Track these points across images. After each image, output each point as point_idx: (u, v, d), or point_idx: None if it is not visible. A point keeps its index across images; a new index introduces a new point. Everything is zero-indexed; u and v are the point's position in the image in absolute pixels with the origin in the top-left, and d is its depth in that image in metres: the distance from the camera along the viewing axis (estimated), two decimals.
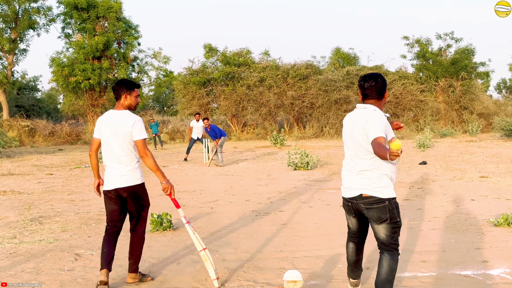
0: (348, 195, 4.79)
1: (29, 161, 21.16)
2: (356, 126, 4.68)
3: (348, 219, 5.04)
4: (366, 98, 4.81)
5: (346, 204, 4.93)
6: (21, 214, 9.68)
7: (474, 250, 6.75)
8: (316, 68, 40.58)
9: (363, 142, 4.60)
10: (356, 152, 4.70)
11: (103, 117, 5.63)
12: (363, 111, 4.73)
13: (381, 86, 4.77)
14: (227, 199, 11.53)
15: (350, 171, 4.78)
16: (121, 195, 5.54)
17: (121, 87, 5.58)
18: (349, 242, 5.17)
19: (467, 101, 39.96)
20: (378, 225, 4.65)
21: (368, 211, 4.67)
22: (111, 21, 38.87)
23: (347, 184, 4.81)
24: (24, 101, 46.71)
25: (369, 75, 4.84)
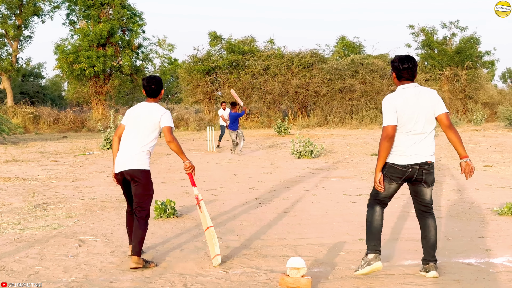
0: (412, 161, 5.18)
1: (34, 148, 21.20)
2: (424, 99, 5.22)
3: (389, 186, 5.31)
4: (403, 79, 5.29)
5: (401, 170, 5.21)
6: (25, 200, 9.71)
7: (477, 239, 6.76)
8: (321, 56, 40.46)
9: (431, 113, 5.20)
10: (424, 123, 5.18)
11: (136, 107, 6.08)
12: (420, 87, 5.31)
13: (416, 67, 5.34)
14: (231, 186, 11.54)
15: (414, 139, 5.18)
16: (125, 178, 5.88)
17: (161, 86, 6.04)
18: (376, 207, 5.45)
19: (472, 91, 39.87)
20: (428, 188, 5.33)
21: (428, 176, 5.25)
22: (115, 8, 38.73)
23: (412, 151, 5.18)
24: (29, 88, 46.66)
25: (406, 57, 5.30)
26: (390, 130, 5.17)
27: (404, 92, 5.25)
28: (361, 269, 5.33)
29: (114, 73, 40.95)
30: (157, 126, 5.88)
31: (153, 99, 6.01)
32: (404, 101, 5.18)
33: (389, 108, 5.21)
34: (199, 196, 6.15)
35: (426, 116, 5.17)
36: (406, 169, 5.18)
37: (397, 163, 5.20)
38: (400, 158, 5.20)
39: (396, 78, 5.35)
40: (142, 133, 5.86)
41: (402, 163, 5.19)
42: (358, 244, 6.59)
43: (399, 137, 5.21)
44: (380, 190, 5.31)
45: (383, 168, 5.29)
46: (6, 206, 9.20)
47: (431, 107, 5.20)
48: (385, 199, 5.42)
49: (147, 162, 5.87)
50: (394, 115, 5.16)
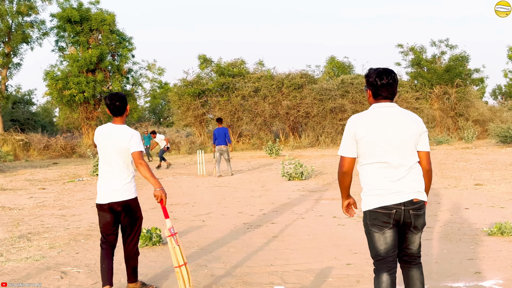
0: (394, 200, 4.12)
1: (23, 176, 21.03)
2: (407, 124, 4.22)
3: (381, 236, 4.21)
4: (380, 98, 4.32)
5: (384, 214, 4.15)
6: (9, 231, 9.56)
7: (466, 261, 6.65)
8: (311, 77, 40.55)
9: (411, 142, 4.21)
10: (401, 154, 4.17)
11: (103, 129, 5.72)
12: (399, 109, 4.33)
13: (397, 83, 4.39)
14: (220, 211, 11.42)
15: (392, 174, 4.16)
16: (114, 209, 5.60)
17: (126, 103, 5.70)
18: (382, 275, 4.24)
19: (463, 108, 39.95)
20: (417, 234, 4.30)
21: (417, 218, 4.20)
22: (104, 34, 38.81)
23: (391, 188, 4.14)
24: (19, 115, 46.60)
25: (384, 70, 4.31)
26: (345, 163, 4.26)
27: (375, 112, 4.26)
28: None
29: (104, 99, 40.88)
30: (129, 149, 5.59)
31: (120, 118, 5.66)
32: (372, 123, 4.19)
33: (347, 134, 4.26)
34: (171, 230, 5.53)
35: (405, 145, 4.18)
36: (390, 210, 4.12)
37: (377, 206, 4.15)
38: (378, 199, 4.16)
39: (371, 96, 4.35)
40: (122, 161, 5.58)
41: (382, 205, 4.14)
42: (345, 269, 6.48)
43: (370, 171, 4.23)
44: (351, 215, 4.49)
45: (366, 218, 4.27)
46: None
47: (414, 134, 4.22)
48: (389, 254, 4.22)
49: (135, 187, 5.72)
50: (351, 143, 4.23)
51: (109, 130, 5.63)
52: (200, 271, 6.62)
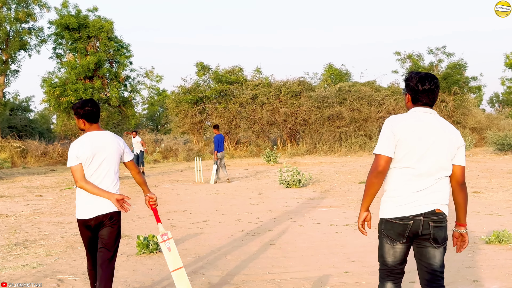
0: (413, 211, 3.90)
1: (20, 183, 20.98)
2: (447, 135, 4.02)
3: (391, 248, 4.04)
4: (420, 104, 4.12)
5: (400, 225, 3.95)
6: (6, 238, 9.53)
7: (464, 269, 6.64)
8: (309, 84, 40.60)
9: (447, 156, 3.99)
10: (435, 164, 3.96)
11: (88, 141, 5.07)
12: (441, 118, 4.12)
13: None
14: (217, 219, 11.40)
15: (418, 183, 3.95)
16: (100, 223, 5.09)
17: (99, 106, 5.23)
18: (387, 283, 4.16)
19: (460, 116, 39.98)
20: (438, 249, 4.05)
21: (438, 231, 3.96)
22: (102, 41, 38.80)
23: (413, 198, 3.93)
24: (17, 121, 46.50)
25: (427, 75, 4.09)
26: (382, 162, 3.96)
27: (417, 116, 4.06)
28: None
29: (102, 105, 40.85)
30: (121, 157, 5.25)
31: (97, 125, 5.18)
32: (411, 127, 3.99)
33: (387, 133, 4.01)
34: (169, 234, 5.50)
35: (441, 156, 3.97)
36: (407, 221, 3.92)
37: (394, 216, 3.96)
38: (397, 208, 3.96)
39: (410, 101, 4.15)
40: (111, 169, 5.14)
41: (400, 215, 3.94)
42: (343, 277, 6.46)
43: (397, 176, 4.02)
44: (364, 234, 4.12)
45: (381, 226, 4.08)
46: None
47: (453, 147, 4.01)
48: (395, 267, 4.10)
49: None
50: (390, 143, 3.97)
51: (99, 138, 5.13)
52: (197, 279, 6.60)
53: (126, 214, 12.33)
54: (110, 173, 5.12)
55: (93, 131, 5.15)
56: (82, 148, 5.02)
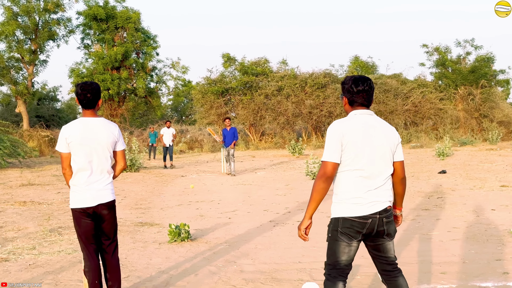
0: (371, 210, 4.06)
1: (49, 171, 21.30)
2: (388, 133, 4.21)
3: (346, 246, 4.11)
4: (356, 105, 4.28)
5: (360, 223, 4.06)
6: (40, 225, 9.74)
7: (494, 262, 6.67)
8: (334, 76, 40.52)
9: (390, 153, 4.19)
10: (382, 163, 4.15)
11: (77, 127, 4.96)
12: (379, 118, 4.30)
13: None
14: (245, 209, 11.52)
15: (371, 183, 4.10)
16: (98, 213, 4.99)
17: (98, 94, 5.04)
18: (339, 283, 4.15)
19: (487, 109, 39.63)
20: (391, 241, 4.24)
21: (389, 225, 4.16)
22: (129, 32, 39.14)
23: (370, 197, 4.08)
24: (44, 111, 47.08)
25: (360, 77, 4.28)
26: (329, 168, 4.05)
27: (357, 119, 4.21)
28: None
29: (129, 96, 41.26)
30: (114, 146, 5.11)
31: (92, 111, 5.01)
32: (355, 130, 4.12)
33: (333, 139, 4.10)
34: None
35: (386, 154, 4.17)
36: (366, 220, 4.05)
37: (354, 215, 4.05)
38: (357, 208, 4.06)
39: (348, 103, 4.31)
40: (104, 157, 4.99)
41: (360, 214, 4.05)
42: (373, 267, 6.51)
43: (349, 178, 4.12)
44: (304, 240, 4.21)
45: (337, 225, 4.11)
46: (21, 231, 9.22)
47: (392, 144, 4.22)
48: (347, 266, 4.17)
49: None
50: (337, 149, 4.07)
51: (91, 124, 4.98)
52: (229, 267, 6.72)
53: (155, 203, 12.53)
54: (101, 161, 4.98)
55: (86, 117, 5.01)
56: (72, 132, 4.91)
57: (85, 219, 4.95)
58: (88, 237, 5.00)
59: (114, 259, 5.17)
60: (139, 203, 12.56)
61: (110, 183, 5.07)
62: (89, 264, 5.01)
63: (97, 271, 5.03)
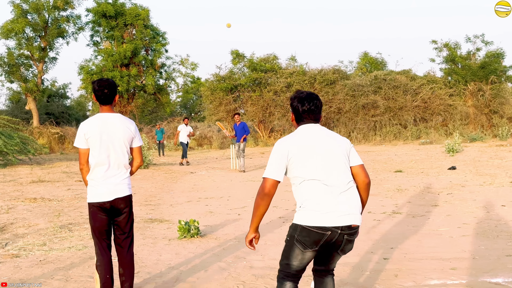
0: (332, 222, 3.90)
1: (59, 168, 21.40)
2: (338, 141, 4.13)
3: (300, 254, 4.01)
4: (302, 123, 4.20)
5: (318, 234, 3.90)
6: (50, 221, 9.79)
7: (505, 257, 6.65)
8: (344, 73, 40.43)
9: (346, 158, 4.09)
10: (339, 169, 4.03)
11: (95, 122, 5.04)
12: (326, 129, 4.22)
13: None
14: None
15: (331, 191, 3.97)
16: (115, 207, 5.04)
17: (115, 90, 5.13)
18: (286, 283, 4.14)
19: (497, 105, 39.42)
20: (340, 256, 4.14)
21: (348, 244, 4.03)
22: (138, 29, 39.21)
23: (330, 206, 3.92)
24: (54, 108, 47.31)
25: (307, 95, 4.19)
26: (268, 185, 3.99)
27: (305, 131, 4.14)
28: None
29: (138, 93, 41.35)
30: (131, 142, 5.17)
31: (109, 107, 5.09)
32: (304, 142, 4.06)
33: (277, 155, 4.04)
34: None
35: (339, 162, 4.04)
36: (325, 231, 3.89)
37: (312, 225, 3.90)
38: (315, 216, 3.91)
39: (294, 120, 4.27)
40: (121, 152, 5.06)
41: (319, 224, 3.88)
42: (382, 263, 6.53)
43: (308, 187, 4.00)
44: (253, 249, 4.22)
45: (295, 231, 4.00)
46: (32, 227, 9.27)
47: (345, 151, 4.11)
48: (298, 272, 4.13)
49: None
50: (280, 167, 4.01)
51: (109, 120, 5.07)
52: (239, 263, 6.74)
53: (165, 200, 12.56)
54: (119, 156, 5.04)
55: (104, 113, 5.09)
56: (90, 128, 4.98)
57: (101, 214, 5.01)
58: (101, 232, 5.05)
59: (129, 254, 5.22)
60: (149, 200, 12.60)
61: (127, 178, 5.12)
62: (101, 258, 5.06)
63: (109, 266, 5.08)
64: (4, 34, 37.25)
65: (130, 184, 5.16)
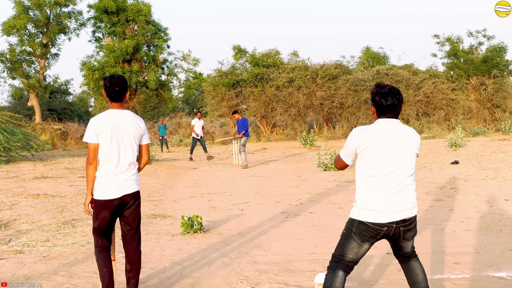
0: (388, 218, 4.11)
1: (62, 164, 21.42)
2: (409, 141, 4.23)
3: (357, 246, 4.20)
4: (383, 116, 4.29)
5: (374, 229, 4.12)
6: (54, 217, 9.80)
7: (508, 252, 6.65)
8: (346, 68, 40.38)
9: (413, 159, 4.25)
10: (405, 168, 4.19)
11: (106, 118, 5.02)
12: (403, 126, 4.31)
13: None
14: (257, 200, 11.53)
15: (391, 189, 4.13)
16: (125, 202, 5.03)
17: (126, 87, 5.12)
18: (339, 271, 4.25)
19: (500, 99, 39.36)
20: (409, 242, 4.36)
21: (407, 233, 4.26)
22: (140, 24, 39.15)
23: (387, 206, 4.12)
24: (56, 104, 47.30)
25: (389, 91, 4.27)
26: (342, 164, 4.41)
27: (381, 127, 4.24)
28: None
29: (140, 89, 41.33)
30: (140, 139, 5.16)
31: (119, 104, 5.09)
32: (377, 138, 4.17)
33: (351, 143, 4.28)
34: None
35: (406, 162, 4.19)
36: (381, 227, 4.12)
37: (369, 221, 4.11)
38: (373, 214, 4.11)
39: (375, 113, 4.36)
40: (130, 148, 5.06)
41: (375, 221, 4.10)
42: (386, 258, 6.53)
43: (368, 185, 4.19)
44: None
45: (352, 225, 4.21)
46: (35, 223, 9.29)
47: (413, 152, 4.25)
48: (352, 263, 4.28)
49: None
50: (350, 152, 4.29)
51: (120, 116, 5.06)
52: (242, 258, 6.74)
53: (168, 195, 12.57)
54: (128, 152, 5.05)
55: (114, 109, 5.09)
56: (102, 123, 4.97)
57: (105, 212, 4.97)
58: (102, 230, 5.04)
59: (137, 251, 5.21)
60: (152, 195, 12.60)
61: (135, 174, 5.13)
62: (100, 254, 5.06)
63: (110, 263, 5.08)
64: (6, 31, 37.23)
65: (137, 181, 5.17)
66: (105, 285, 4.99)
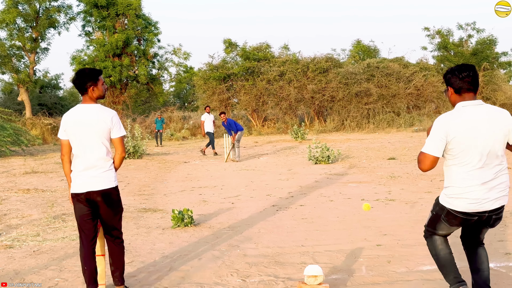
0: (480, 208, 4.12)
1: (52, 159, 21.36)
2: (498, 123, 4.10)
3: (446, 227, 4.38)
4: (463, 91, 4.20)
5: (464, 219, 4.21)
6: (44, 212, 9.79)
7: (496, 242, 6.70)
8: (336, 61, 40.39)
9: (505, 141, 4.14)
10: (496, 153, 4.12)
11: (71, 114, 4.98)
12: (488, 106, 4.18)
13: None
14: (248, 194, 11.55)
15: (482, 177, 4.09)
16: (91, 199, 4.94)
17: (84, 79, 4.96)
18: (435, 237, 4.51)
19: (490, 92, 39.54)
20: (488, 229, 4.39)
21: (496, 221, 4.27)
22: (130, 18, 38.98)
23: (479, 194, 4.09)
24: (47, 99, 47.09)
25: (463, 65, 4.22)
26: (428, 162, 4.22)
27: (466, 112, 4.13)
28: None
29: (131, 83, 41.22)
30: (108, 132, 4.99)
31: (87, 97, 4.97)
32: (465, 124, 4.08)
33: (438, 132, 4.15)
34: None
35: (497, 147, 4.10)
36: (471, 217, 4.18)
37: (459, 210, 4.17)
38: (464, 203, 4.14)
39: (454, 93, 4.24)
40: (97, 143, 4.92)
41: (466, 210, 4.16)
42: (376, 250, 6.56)
43: (460, 174, 4.15)
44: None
45: (442, 211, 4.34)
46: (25, 218, 9.27)
47: (505, 132, 4.12)
48: (446, 235, 4.53)
49: (115, 175, 5.10)
50: (441, 143, 4.15)
51: (85, 110, 4.96)
52: (232, 251, 6.76)
53: (159, 189, 12.57)
54: (95, 148, 4.92)
55: (82, 104, 5.01)
56: (68, 120, 4.95)
57: (80, 205, 4.94)
58: (81, 222, 4.98)
59: (117, 246, 5.20)
60: (142, 190, 12.60)
61: (108, 171, 4.99)
62: (82, 249, 5.01)
63: (88, 257, 5.00)
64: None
65: (111, 178, 5.01)
66: (86, 281, 4.99)
